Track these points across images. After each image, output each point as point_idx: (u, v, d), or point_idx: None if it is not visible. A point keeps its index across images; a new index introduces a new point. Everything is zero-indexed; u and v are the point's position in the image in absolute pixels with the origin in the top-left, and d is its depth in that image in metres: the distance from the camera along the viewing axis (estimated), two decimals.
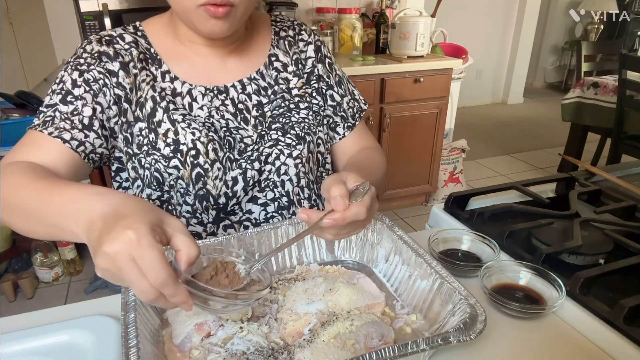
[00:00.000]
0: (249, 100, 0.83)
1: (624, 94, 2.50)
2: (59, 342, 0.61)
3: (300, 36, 0.90)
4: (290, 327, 0.60)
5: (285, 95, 0.85)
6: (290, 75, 0.87)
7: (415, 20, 2.41)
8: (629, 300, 0.60)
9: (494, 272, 0.70)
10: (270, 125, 0.82)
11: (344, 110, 0.92)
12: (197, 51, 0.81)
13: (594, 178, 1.08)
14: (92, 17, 1.95)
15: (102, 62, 0.75)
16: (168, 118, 0.76)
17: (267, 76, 0.85)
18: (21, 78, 3.35)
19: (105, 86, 0.75)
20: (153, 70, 0.79)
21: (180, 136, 0.75)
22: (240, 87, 0.82)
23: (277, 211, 0.83)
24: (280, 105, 0.84)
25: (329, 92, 0.91)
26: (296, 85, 0.87)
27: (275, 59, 0.87)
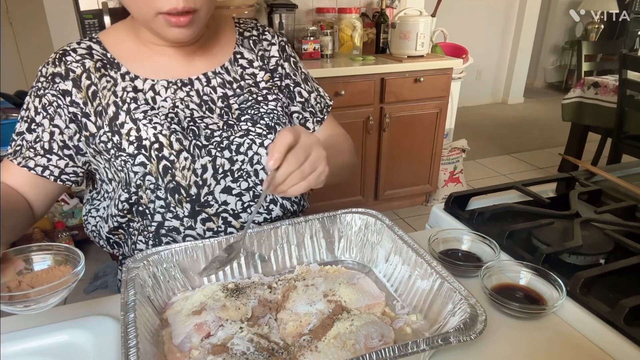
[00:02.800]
0: (214, 93, 0.84)
1: (624, 93, 2.50)
2: (59, 342, 0.61)
3: (264, 36, 0.92)
4: (290, 327, 0.60)
5: (253, 89, 0.87)
6: (256, 70, 0.88)
7: (415, 20, 2.41)
8: (630, 300, 0.60)
9: (494, 272, 0.70)
10: (239, 117, 0.83)
11: (312, 106, 0.94)
12: (161, 52, 0.82)
13: (595, 178, 1.07)
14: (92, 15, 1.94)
15: (55, 83, 0.78)
16: (130, 118, 0.77)
17: (232, 71, 0.86)
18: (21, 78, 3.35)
19: (59, 107, 0.78)
20: (112, 74, 0.80)
21: (142, 132, 0.76)
22: (204, 79, 0.83)
23: (252, 200, 0.83)
24: (248, 99, 0.85)
25: (296, 89, 0.93)
26: (263, 79, 0.88)
27: (240, 57, 0.88)
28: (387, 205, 2.82)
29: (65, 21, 2.38)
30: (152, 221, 0.80)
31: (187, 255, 0.69)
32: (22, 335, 0.61)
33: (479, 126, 4.55)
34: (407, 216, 2.80)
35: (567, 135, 3.13)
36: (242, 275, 0.73)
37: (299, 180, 0.65)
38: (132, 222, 0.83)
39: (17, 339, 0.61)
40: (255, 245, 0.73)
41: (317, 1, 2.78)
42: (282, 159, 0.63)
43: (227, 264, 0.68)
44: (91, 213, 0.88)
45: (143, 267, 0.64)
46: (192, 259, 0.69)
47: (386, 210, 2.83)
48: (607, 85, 2.71)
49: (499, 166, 3.59)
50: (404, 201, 2.89)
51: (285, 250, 0.75)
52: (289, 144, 0.63)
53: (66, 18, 2.35)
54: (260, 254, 0.74)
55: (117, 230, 0.85)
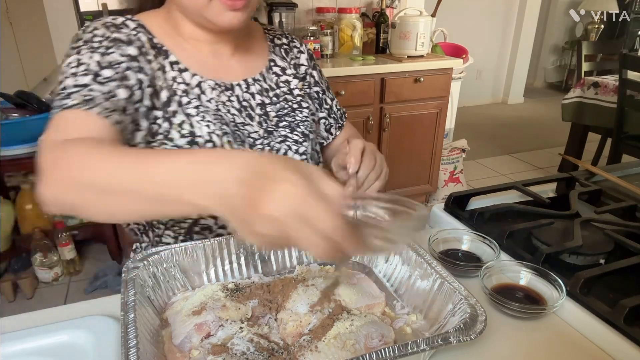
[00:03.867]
0: (253, 99, 0.84)
1: (624, 93, 2.50)
2: (59, 342, 0.61)
3: (293, 44, 0.95)
4: (290, 327, 0.60)
5: (288, 96, 0.89)
6: (290, 77, 0.91)
7: (415, 20, 2.41)
8: (630, 300, 0.60)
9: (494, 272, 0.70)
10: (278, 124, 0.85)
11: (334, 112, 0.99)
12: (201, 49, 0.81)
13: (595, 178, 1.07)
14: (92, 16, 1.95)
15: (119, 46, 0.71)
16: (182, 110, 0.75)
17: (268, 79, 0.88)
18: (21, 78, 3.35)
19: (129, 69, 0.71)
20: (161, 59, 0.77)
21: (195, 128, 0.75)
22: (245, 86, 0.84)
23: None
24: (284, 107, 0.87)
25: (323, 97, 0.97)
26: (297, 86, 0.90)
27: (274, 64, 0.90)
28: None
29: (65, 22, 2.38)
30: (187, 218, 0.79)
31: (187, 255, 0.69)
32: (22, 335, 0.61)
33: (479, 126, 4.54)
34: None
35: (567, 135, 3.12)
36: (242, 275, 0.73)
37: (375, 179, 0.76)
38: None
39: (17, 339, 0.61)
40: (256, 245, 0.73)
41: (317, 1, 2.78)
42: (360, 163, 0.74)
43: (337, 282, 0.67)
44: None
45: (143, 267, 0.64)
46: (192, 259, 0.69)
47: None
48: (607, 85, 2.71)
49: (499, 166, 3.59)
50: None
51: (285, 250, 0.75)
52: (362, 149, 0.75)
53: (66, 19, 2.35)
54: (260, 254, 0.74)
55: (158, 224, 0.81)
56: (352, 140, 0.77)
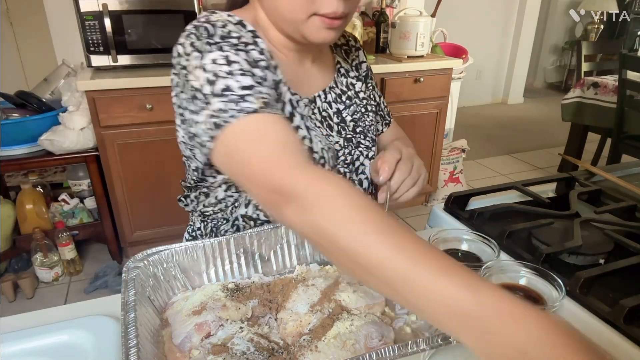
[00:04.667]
0: (330, 108, 0.83)
1: (624, 94, 2.50)
2: (59, 342, 0.61)
3: (350, 42, 0.92)
4: (290, 327, 0.60)
5: (356, 100, 0.88)
6: (353, 80, 0.89)
7: (415, 20, 2.41)
8: (629, 300, 0.60)
9: (494, 272, 0.70)
10: (355, 129, 0.85)
11: (382, 109, 0.98)
12: (288, 56, 0.77)
13: (594, 178, 1.08)
14: (92, 17, 1.94)
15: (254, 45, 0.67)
16: (304, 124, 0.74)
17: (339, 83, 0.86)
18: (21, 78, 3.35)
19: (267, 68, 0.67)
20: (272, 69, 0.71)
21: (313, 144, 0.74)
22: (324, 96, 0.83)
23: None
24: (356, 110, 0.86)
25: (374, 92, 0.96)
26: (361, 89, 0.90)
27: (339, 66, 0.88)
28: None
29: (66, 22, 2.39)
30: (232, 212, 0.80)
31: (187, 255, 0.69)
32: (22, 335, 0.61)
33: (479, 126, 4.55)
34: (407, 216, 2.80)
35: (567, 135, 3.13)
36: (242, 275, 0.73)
37: (411, 185, 0.75)
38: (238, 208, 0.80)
39: (17, 339, 0.61)
40: (255, 245, 0.73)
41: None
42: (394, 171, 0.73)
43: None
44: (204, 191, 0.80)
45: (143, 267, 0.64)
46: (192, 259, 0.69)
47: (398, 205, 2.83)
48: (606, 85, 2.71)
49: (499, 166, 3.59)
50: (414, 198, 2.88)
51: (285, 250, 0.75)
52: (398, 158, 0.74)
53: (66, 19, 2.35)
54: (260, 254, 0.74)
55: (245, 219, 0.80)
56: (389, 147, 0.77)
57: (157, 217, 2.21)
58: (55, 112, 2.01)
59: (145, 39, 2.06)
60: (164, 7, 2.06)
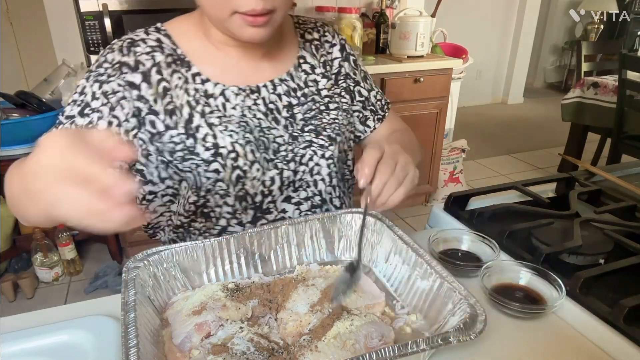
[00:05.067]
0: (280, 101, 0.82)
1: (624, 94, 2.50)
2: (59, 342, 0.61)
3: (325, 38, 0.91)
4: (291, 327, 0.60)
5: (316, 97, 0.86)
6: (318, 77, 0.88)
7: (415, 20, 2.41)
8: (629, 300, 0.60)
9: (494, 272, 0.70)
10: (303, 128, 0.83)
11: (373, 104, 0.95)
12: (229, 53, 0.79)
13: (594, 178, 1.08)
14: (92, 17, 1.94)
15: (122, 73, 0.73)
16: (205, 122, 0.75)
17: (297, 78, 0.85)
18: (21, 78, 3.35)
19: (124, 99, 0.73)
20: (183, 72, 0.77)
21: (219, 139, 0.75)
22: (271, 87, 0.82)
23: (310, 209, 0.85)
24: (312, 108, 0.85)
25: (356, 89, 0.93)
26: (325, 87, 0.88)
27: (303, 61, 0.87)
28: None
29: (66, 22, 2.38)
30: (215, 224, 0.80)
31: (187, 255, 0.69)
32: (22, 335, 0.61)
33: (479, 126, 4.54)
34: (407, 216, 2.80)
35: (567, 135, 3.12)
36: (242, 275, 0.73)
37: (395, 187, 0.67)
38: (195, 222, 0.82)
39: (17, 339, 0.61)
40: (255, 245, 0.73)
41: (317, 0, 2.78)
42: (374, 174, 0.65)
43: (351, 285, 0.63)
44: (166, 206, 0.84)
45: (143, 267, 0.64)
46: (192, 259, 0.69)
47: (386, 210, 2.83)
48: (606, 85, 2.71)
49: (499, 166, 3.59)
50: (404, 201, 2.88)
51: (285, 250, 0.75)
52: (377, 158, 0.66)
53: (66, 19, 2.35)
54: (260, 254, 0.74)
55: (178, 229, 0.84)
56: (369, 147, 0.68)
57: None
58: (55, 112, 2.01)
59: None
60: (164, 7, 2.06)
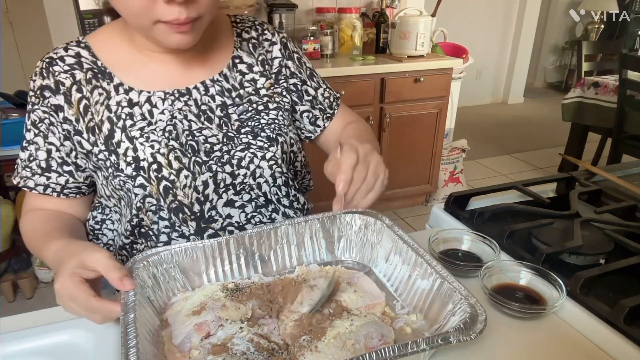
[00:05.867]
0: (213, 102, 0.79)
1: (624, 93, 2.50)
2: (59, 342, 0.61)
3: (264, 36, 0.87)
4: (290, 327, 0.60)
5: (253, 97, 0.82)
6: (257, 75, 0.84)
7: (415, 20, 2.41)
8: (630, 300, 0.60)
9: (494, 272, 0.70)
10: (240, 129, 0.80)
11: (320, 102, 0.92)
12: (157, 59, 0.77)
13: (595, 178, 1.07)
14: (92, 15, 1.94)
15: (45, 98, 0.74)
16: (126, 136, 0.73)
17: (231, 78, 0.82)
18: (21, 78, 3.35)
19: (52, 124, 0.74)
20: (105, 85, 0.75)
21: (139, 152, 0.73)
22: (203, 88, 0.79)
23: (255, 210, 0.82)
24: (248, 109, 0.81)
25: (303, 88, 0.90)
26: (264, 86, 0.84)
27: (239, 61, 0.83)
28: (387, 205, 2.82)
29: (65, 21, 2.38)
30: (157, 242, 0.78)
31: (187, 256, 0.69)
32: (22, 335, 0.61)
33: (479, 126, 4.55)
34: (407, 216, 2.80)
35: (567, 135, 3.13)
36: (242, 275, 0.73)
37: (366, 193, 0.71)
38: (136, 244, 0.80)
39: (17, 339, 0.61)
40: (255, 245, 0.73)
41: (317, 1, 2.78)
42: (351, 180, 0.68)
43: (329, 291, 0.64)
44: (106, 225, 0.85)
45: (143, 267, 0.64)
46: (192, 260, 0.69)
47: (386, 210, 2.83)
48: (607, 85, 2.71)
49: (499, 166, 3.59)
50: (404, 201, 2.89)
51: (285, 250, 0.75)
52: (354, 165, 0.68)
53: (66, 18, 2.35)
54: (260, 254, 0.74)
55: (121, 250, 0.82)
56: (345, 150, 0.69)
57: None
58: None
59: None
60: None
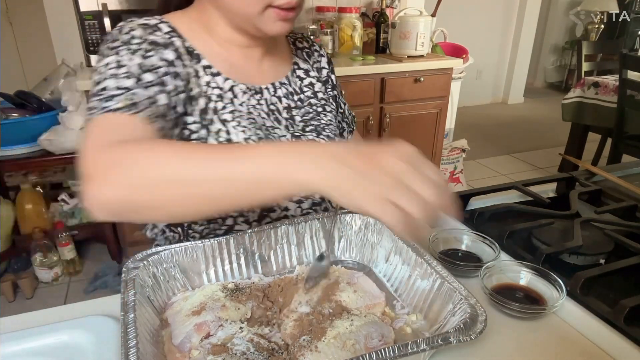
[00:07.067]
0: (280, 103, 0.84)
1: (624, 93, 2.50)
2: (59, 342, 0.61)
3: (313, 47, 0.95)
4: (290, 327, 0.60)
5: (312, 100, 0.89)
6: (313, 79, 0.91)
7: (415, 20, 2.41)
8: (630, 300, 0.60)
9: (495, 272, 0.70)
10: (304, 129, 0.85)
11: (347, 117, 1.00)
12: (235, 53, 0.79)
13: (595, 178, 1.07)
14: (92, 16, 1.94)
15: (157, 50, 0.69)
16: (218, 117, 0.75)
17: (293, 83, 0.88)
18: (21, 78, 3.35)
19: (167, 74, 0.69)
20: (194, 64, 0.75)
21: (232, 135, 0.74)
22: (272, 89, 0.83)
23: (311, 207, 0.85)
24: (309, 111, 0.88)
25: (338, 100, 0.98)
26: (320, 90, 0.91)
27: (297, 67, 0.90)
28: None
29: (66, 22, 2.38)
30: (222, 225, 0.79)
31: (187, 255, 0.69)
32: (22, 335, 0.61)
33: (479, 126, 4.54)
34: None
35: (567, 135, 3.12)
36: (242, 275, 0.73)
37: None
38: (195, 224, 0.79)
39: (17, 339, 0.61)
40: (255, 245, 0.73)
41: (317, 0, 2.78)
42: None
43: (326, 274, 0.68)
44: None
45: (143, 267, 0.64)
46: (192, 259, 0.69)
47: None
48: (607, 85, 2.71)
49: (499, 166, 3.59)
50: None
51: (285, 250, 0.75)
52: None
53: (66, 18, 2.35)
54: (260, 254, 0.74)
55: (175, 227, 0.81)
56: None
57: None
58: (55, 112, 2.01)
59: None
60: None
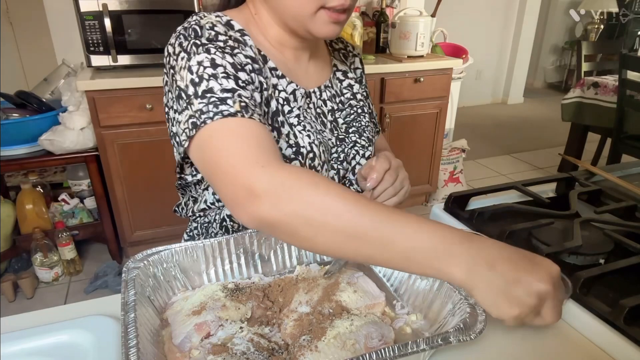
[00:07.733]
0: (325, 106, 0.85)
1: (624, 93, 2.50)
2: (59, 342, 0.61)
3: (348, 48, 0.95)
4: (290, 327, 0.60)
5: (352, 102, 0.89)
6: (352, 81, 0.91)
7: (415, 20, 2.41)
8: (629, 300, 0.60)
9: None
10: (347, 130, 0.86)
11: (374, 117, 0.99)
12: (286, 54, 0.79)
13: (594, 178, 1.07)
14: (92, 17, 1.94)
15: (240, 47, 0.69)
16: (286, 120, 0.75)
17: (335, 85, 0.88)
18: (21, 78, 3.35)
19: (253, 72, 0.69)
20: (260, 65, 0.73)
21: (299, 139, 0.75)
22: (318, 92, 0.84)
23: None
24: (350, 113, 0.88)
25: (368, 101, 0.98)
26: (359, 91, 0.92)
27: (336, 69, 0.90)
28: None
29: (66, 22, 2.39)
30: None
31: (187, 255, 0.69)
32: (22, 335, 0.61)
33: (479, 126, 4.54)
34: None
35: (567, 135, 3.12)
36: (242, 275, 0.73)
37: (391, 196, 0.78)
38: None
39: (17, 339, 0.61)
40: (255, 245, 0.73)
41: None
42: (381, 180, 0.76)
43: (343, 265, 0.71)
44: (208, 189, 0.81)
45: (143, 267, 0.64)
46: (192, 259, 0.69)
47: None
48: (607, 85, 2.71)
49: (499, 166, 3.59)
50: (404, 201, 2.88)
51: (285, 250, 0.75)
52: (386, 169, 0.77)
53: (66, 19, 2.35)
54: (260, 254, 0.74)
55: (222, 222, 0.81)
56: (380, 157, 0.78)
57: (157, 217, 2.22)
58: (55, 112, 2.01)
59: (145, 38, 2.06)
60: (164, 7, 2.06)
